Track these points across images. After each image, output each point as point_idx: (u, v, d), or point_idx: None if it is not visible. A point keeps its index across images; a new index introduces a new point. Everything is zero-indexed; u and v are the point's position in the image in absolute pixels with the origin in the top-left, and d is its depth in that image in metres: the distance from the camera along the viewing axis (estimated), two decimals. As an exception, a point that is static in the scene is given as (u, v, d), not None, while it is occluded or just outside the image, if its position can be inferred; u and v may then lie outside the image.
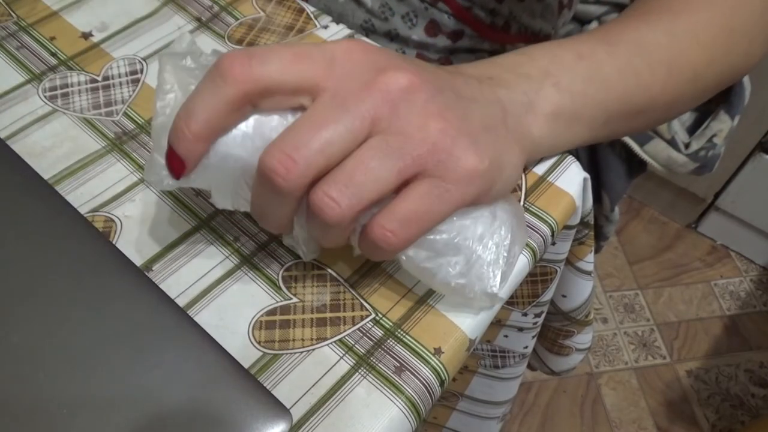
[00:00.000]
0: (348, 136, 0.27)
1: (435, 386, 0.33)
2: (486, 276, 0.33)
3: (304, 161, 0.27)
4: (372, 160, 0.28)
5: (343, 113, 0.27)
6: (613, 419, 1.20)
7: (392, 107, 0.28)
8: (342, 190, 0.27)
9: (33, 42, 0.46)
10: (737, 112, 0.57)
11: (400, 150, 0.28)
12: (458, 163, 0.29)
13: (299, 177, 0.27)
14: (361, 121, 0.28)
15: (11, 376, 0.30)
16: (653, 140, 0.57)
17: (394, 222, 0.28)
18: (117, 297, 0.33)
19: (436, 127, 0.29)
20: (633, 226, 1.45)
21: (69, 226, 0.35)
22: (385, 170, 0.28)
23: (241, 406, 0.30)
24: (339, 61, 0.29)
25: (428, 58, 0.56)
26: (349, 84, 0.28)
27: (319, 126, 0.27)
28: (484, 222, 0.32)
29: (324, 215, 0.28)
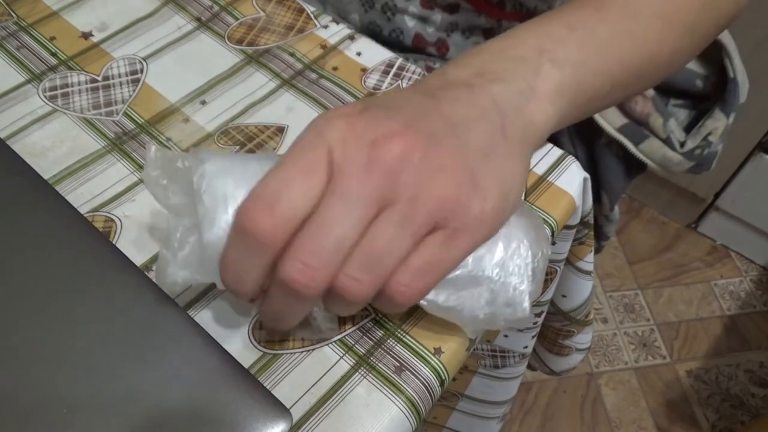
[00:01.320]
0: (359, 225, 0.28)
1: (435, 386, 0.33)
2: (514, 301, 0.32)
3: (325, 266, 0.27)
4: (386, 236, 0.28)
5: (348, 206, 0.27)
6: (613, 419, 1.20)
7: (394, 181, 0.28)
8: (362, 270, 0.28)
9: (33, 42, 0.46)
10: (732, 110, 0.57)
11: (412, 217, 0.28)
12: (466, 210, 0.29)
13: (321, 282, 0.27)
14: (368, 206, 0.28)
15: (11, 376, 0.30)
16: (648, 139, 0.57)
17: (408, 275, 0.29)
18: (117, 297, 0.33)
19: (440, 180, 0.29)
20: (633, 226, 1.45)
21: (69, 226, 0.35)
22: (401, 241, 0.28)
23: (241, 406, 0.30)
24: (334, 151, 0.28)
25: (426, 40, 0.56)
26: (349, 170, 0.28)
27: (330, 226, 0.27)
28: (500, 248, 0.32)
29: (349, 296, 0.28)
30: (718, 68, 0.58)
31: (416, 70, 0.46)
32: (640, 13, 0.38)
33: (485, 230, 0.30)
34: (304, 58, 0.47)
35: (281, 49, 0.47)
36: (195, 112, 0.43)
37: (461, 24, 0.55)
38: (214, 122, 0.43)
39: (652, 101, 0.57)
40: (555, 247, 0.46)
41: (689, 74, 0.59)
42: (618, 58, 0.37)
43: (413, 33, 0.56)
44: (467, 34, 0.56)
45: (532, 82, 0.33)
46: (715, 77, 0.58)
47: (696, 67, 0.59)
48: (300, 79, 0.46)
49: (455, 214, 0.29)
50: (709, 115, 0.58)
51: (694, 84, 0.59)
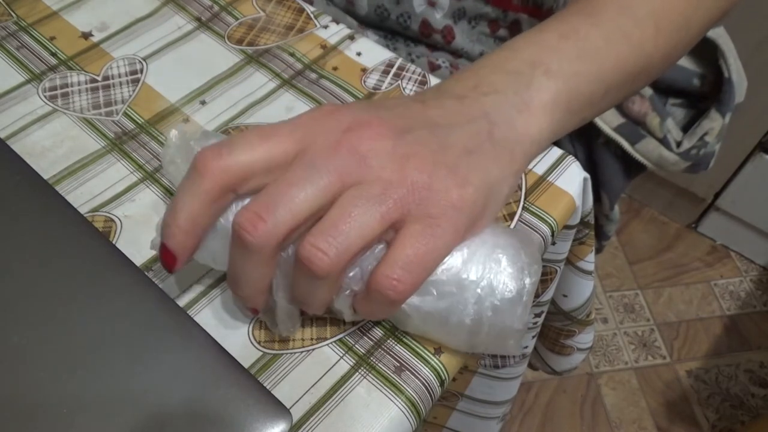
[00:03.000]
0: (317, 194, 0.28)
1: (435, 386, 0.33)
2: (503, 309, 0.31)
3: (272, 219, 0.28)
4: (354, 209, 0.28)
5: (310, 171, 0.28)
6: (613, 419, 1.20)
7: (361, 160, 0.29)
8: (329, 240, 0.28)
9: (33, 42, 0.46)
10: (728, 110, 0.57)
11: (380, 195, 0.28)
12: (441, 195, 0.29)
13: (267, 233, 0.28)
14: (329, 177, 0.28)
15: (11, 376, 0.30)
16: (645, 139, 0.57)
17: (397, 269, 0.28)
18: (117, 297, 0.33)
19: (411, 166, 0.29)
20: (633, 226, 1.45)
21: (69, 226, 0.35)
22: (368, 216, 0.28)
23: (241, 406, 0.30)
24: (305, 128, 0.30)
25: (433, 27, 0.56)
26: (318, 145, 0.29)
27: (287, 186, 0.28)
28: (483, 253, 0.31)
29: (313, 266, 0.28)
30: (715, 68, 0.58)
31: (416, 70, 0.46)
32: (634, 13, 0.38)
33: (465, 216, 0.30)
34: (304, 58, 0.47)
35: (281, 49, 0.47)
36: (195, 112, 0.43)
37: (468, 11, 0.55)
38: (214, 122, 0.43)
39: (649, 101, 0.57)
40: (555, 247, 0.46)
41: (686, 73, 0.59)
42: (613, 62, 0.37)
43: (420, 19, 0.55)
44: (473, 24, 0.56)
45: (525, 95, 0.34)
46: (712, 76, 0.58)
47: (693, 65, 0.59)
48: (300, 79, 0.46)
49: (429, 200, 0.29)
50: (706, 115, 0.58)
51: (691, 83, 0.59)
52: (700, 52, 0.58)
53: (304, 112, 0.31)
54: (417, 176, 0.29)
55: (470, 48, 0.56)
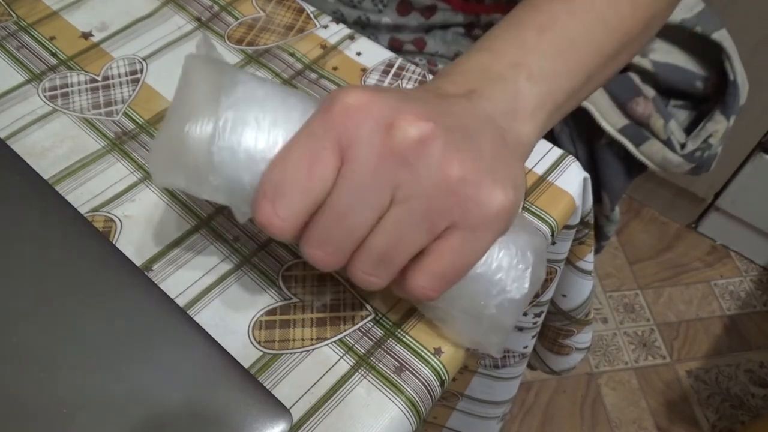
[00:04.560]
0: (372, 215, 0.28)
1: (435, 386, 0.33)
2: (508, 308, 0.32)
3: (339, 252, 0.28)
4: (402, 232, 0.28)
5: (363, 193, 0.27)
6: (613, 419, 1.20)
7: (410, 170, 0.27)
8: (379, 266, 0.29)
9: (33, 42, 0.46)
10: (733, 112, 0.57)
11: (426, 212, 0.28)
12: (487, 207, 0.28)
13: (338, 263, 0.29)
14: (382, 194, 0.27)
15: (11, 376, 0.30)
16: (649, 141, 0.57)
17: (434, 281, 0.29)
18: (117, 297, 0.33)
19: (457, 177, 0.28)
20: (633, 226, 1.45)
21: (69, 226, 0.35)
22: (416, 236, 0.28)
23: (241, 406, 0.30)
24: (341, 132, 0.27)
25: (402, 41, 0.56)
26: (361, 155, 0.27)
27: (343, 215, 0.28)
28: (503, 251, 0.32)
29: (368, 288, 0.30)
30: (718, 70, 0.58)
31: (416, 70, 0.46)
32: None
33: (504, 223, 0.29)
34: (304, 58, 0.47)
35: (281, 49, 0.47)
36: (195, 112, 0.43)
37: (438, 24, 0.55)
38: (214, 122, 0.43)
39: (653, 102, 0.57)
40: (555, 247, 0.46)
41: (689, 75, 0.59)
42: (593, 47, 0.37)
43: (388, 37, 0.56)
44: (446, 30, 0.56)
45: (513, 103, 0.34)
46: (715, 78, 0.58)
47: (696, 68, 0.59)
48: (300, 79, 0.46)
49: (473, 212, 0.28)
50: (710, 117, 0.58)
51: (694, 85, 0.59)
52: (702, 54, 0.58)
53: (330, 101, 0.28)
54: (463, 188, 0.28)
55: (445, 50, 0.56)
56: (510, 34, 0.36)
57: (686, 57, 0.59)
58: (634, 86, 0.57)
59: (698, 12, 0.57)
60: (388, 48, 0.50)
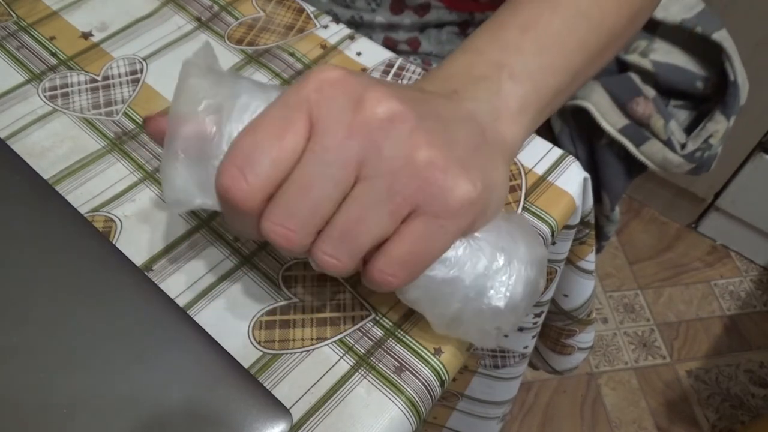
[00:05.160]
0: (336, 191, 0.27)
1: (435, 386, 0.33)
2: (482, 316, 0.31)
3: (302, 229, 0.27)
4: (364, 210, 0.28)
5: (327, 167, 0.27)
6: (613, 419, 1.20)
7: (376, 148, 0.27)
8: (339, 246, 0.28)
9: (33, 42, 0.46)
10: (733, 113, 0.57)
11: (389, 192, 0.27)
12: (451, 194, 0.28)
13: (300, 242, 0.28)
14: (347, 169, 0.27)
15: (11, 376, 0.30)
16: (649, 141, 0.57)
17: (393, 266, 0.29)
18: (117, 297, 0.33)
19: (424, 160, 0.28)
20: (633, 226, 1.45)
21: (69, 226, 0.35)
22: (378, 217, 0.28)
23: (241, 406, 0.30)
24: (312, 105, 0.27)
25: (396, 40, 0.56)
26: (329, 129, 0.27)
27: (307, 188, 0.27)
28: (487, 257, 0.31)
29: (329, 270, 0.29)
30: (718, 70, 0.58)
31: (416, 70, 0.46)
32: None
33: (470, 217, 0.29)
34: (304, 58, 0.47)
35: (281, 49, 0.47)
36: (195, 112, 0.43)
37: (432, 23, 0.55)
38: (214, 122, 0.43)
39: (653, 102, 0.57)
40: (555, 247, 0.46)
41: (689, 76, 0.59)
42: (577, 44, 0.36)
43: (382, 37, 0.56)
44: (440, 29, 0.56)
45: (497, 103, 0.33)
46: (715, 79, 0.58)
47: (696, 68, 0.59)
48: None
49: (438, 198, 0.28)
50: (710, 117, 0.58)
51: (694, 86, 0.59)
52: (703, 54, 0.58)
53: (305, 78, 0.28)
54: (430, 172, 0.28)
55: (439, 50, 0.56)
56: (492, 35, 0.36)
57: (686, 57, 0.59)
58: (635, 86, 0.57)
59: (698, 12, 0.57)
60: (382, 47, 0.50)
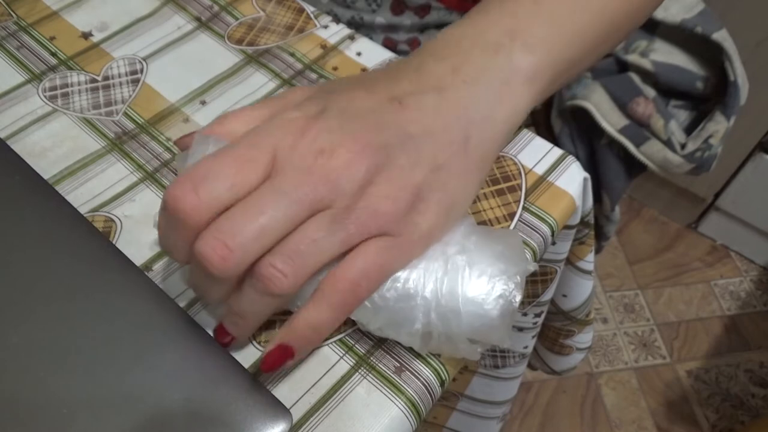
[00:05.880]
0: (286, 222, 0.28)
1: (435, 386, 0.33)
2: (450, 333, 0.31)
3: (241, 249, 0.27)
4: (316, 233, 0.28)
5: (280, 198, 0.28)
6: (613, 419, 1.20)
7: (332, 186, 0.28)
8: (287, 262, 0.28)
9: (33, 42, 0.46)
10: (733, 113, 0.57)
11: (344, 222, 0.28)
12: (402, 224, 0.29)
13: (235, 265, 0.27)
14: (299, 205, 0.28)
15: (11, 376, 0.30)
16: (649, 141, 0.57)
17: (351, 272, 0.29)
18: (117, 297, 0.33)
19: (379, 194, 0.29)
20: (633, 226, 1.45)
21: (69, 226, 0.35)
22: (329, 242, 0.28)
23: (241, 406, 0.30)
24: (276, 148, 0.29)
25: (396, 41, 0.56)
26: (289, 170, 0.29)
27: (256, 214, 0.27)
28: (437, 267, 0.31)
29: (271, 285, 0.28)
30: (719, 70, 0.58)
31: (416, 70, 0.46)
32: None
33: (422, 242, 0.30)
34: (304, 58, 0.47)
35: (281, 49, 0.47)
36: (195, 112, 0.43)
37: (432, 24, 0.55)
38: (214, 122, 0.43)
39: (653, 102, 0.57)
40: (555, 247, 0.46)
41: (690, 76, 0.59)
42: (589, 17, 0.36)
43: (382, 37, 0.56)
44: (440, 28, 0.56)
45: (506, 75, 0.33)
46: (715, 79, 0.58)
47: (696, 68, 0.59)
48: (300, 79, 0.46)
49: (390, 225, 0.29)
50: (710, 117, 0.58)
51: (694, 85, 0.59)
52: (702, 55, 0.58)
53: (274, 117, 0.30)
54: (382, 206, 0.29)
55: None
56: (504, 5, 0.36)
57: (686, 57, 0.59)
58: (635, 86, 0.58)
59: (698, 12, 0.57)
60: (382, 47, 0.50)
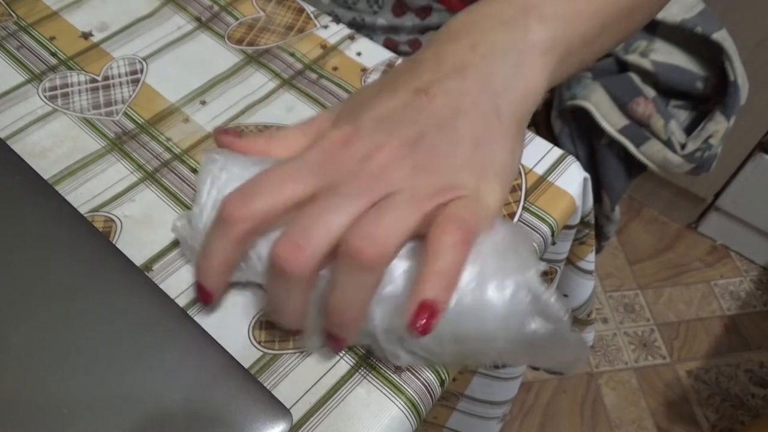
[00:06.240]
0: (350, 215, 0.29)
1: (435, 386, 0.33)
2: None
3: (311, 246, 0.28)
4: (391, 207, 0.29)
5: (339, 199, 0.29)
6: (613, 419, 1.20)
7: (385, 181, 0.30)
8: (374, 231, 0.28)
9: (33, 42, 0.46)
10: (733, 113, 0.57)
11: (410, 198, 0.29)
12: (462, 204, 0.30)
13: (306, 261, 0.28)
14: (358, 200, 0.29)
15: (11, 376, 0.30)
16: (649, 141, 0.57)
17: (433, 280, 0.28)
18: (117, 297, 0.33)
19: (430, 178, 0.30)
20: (633, 226, 1.45)
21: (69, 226, 0.35)
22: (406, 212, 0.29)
23: (241, 406, 0.30)
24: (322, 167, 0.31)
25: (397, 42, 0.56)
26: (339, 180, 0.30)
27: (320, 212, 0.29)
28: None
29: (363, 255, 0.28)
30: (718, 70, 0.58)
31: (416, 70, 0.46)
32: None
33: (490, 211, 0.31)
34: (304, 58, 0.47)
35: (281, 49, 0.47)
36: (195, 112, 0.43)
37: (433, 26, 0.55)
38: (214, 122, 0.43)
39: (653, 103, 0.57)
40: (555, 247, 0.46)
41: (690, 76, 0.59)
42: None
43: (383, 39, 0.56)
44: None
45: (522, 47, 0.33)
46: (715, 79, 0.58)
47: (696, 68, 0.59)
48: (300, 79, 0.46)
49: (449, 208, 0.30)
50: (710, 117, 0.58)
51: (694, 86, 0.59)
52: (702, 55, 0.58)
53: (315, 143, 0.32)
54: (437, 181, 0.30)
55: None
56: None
57: (686, 57, 0.59)
58: (635, 86, 0.58)
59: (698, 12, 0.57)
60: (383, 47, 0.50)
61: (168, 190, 0.40)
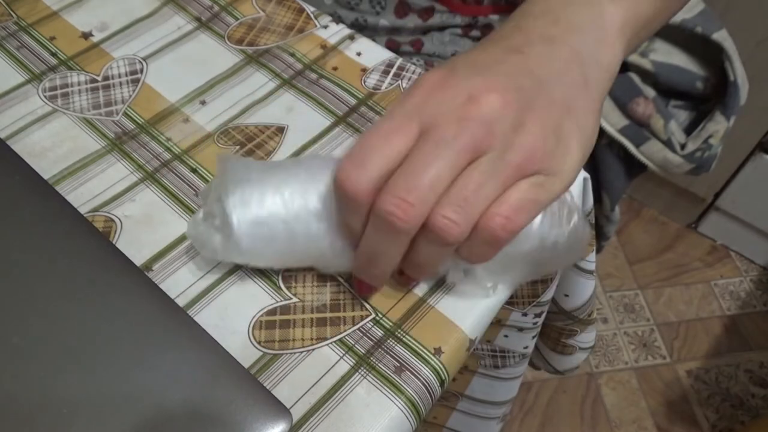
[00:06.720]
0: (453, 167, 0.29)
1: (435, 386, 0.33)
2: None
3: (420, 201, 0.29)
4: (480, 178, 0.29)
5: (443, 149, 0.29)
6: (613, 419, 1.19)
7: (488, 130, 0.30)
8: (458, 211, 0.29)
9: (33, 42, 0.46)
10: (733, 113, 0.57)
11: (502, 165, 0.30)
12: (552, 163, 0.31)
13: (417, 217, 0.29)
14: (462, 153, 0.29)
15: (11, 376, 0.30)
16: (649, 141, 0.57)
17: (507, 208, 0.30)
18: (117, 297, 0.33)
19: (529, 135, 0.30)
20: (633, 226, 1.45)
21: (69, 226, 0.35)
22: (491, 186, 0.30)
23: (241, 406, 0.30)
24: (422, 109, 0.30)
25: (399, 42, 0.56)
26: (442, 123, 0.30)
27: (424, 166, 0.29)
28: None
29: (445, 235, 0.29)
30: (718, 70, 0.58)
31: (416, 71, 0.46)
32: None
33: (567, 181, 0.32)
34: (304, 58, 0.47)
35: (281, 49, 0.47)
36: (195, 112, 0.43)
37: (436, 26, 0.55)
38: (214, 122, 0.43)
39: (653, 103, 0.57)
40: (555, 247, 0.46)
41: (690, 76, 0.59)
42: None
43: (385, 39, 0.56)
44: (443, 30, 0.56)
45: (600, 25, 0.35)
46: (715, 79, 0.58)
47: (696, 69, 0.59)
48: (300, 79, 0.46)
49: (542, 169, 0.31)
50: (710, 117, 0.58)
51: (694, 86, 0.59)
52: (703, 55, 0.58)
53: (412, 87, 0.31)
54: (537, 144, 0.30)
55: (442, 50, 0.56)
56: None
57: (686, 57, 0.59)
58: (635, 86, 0.57)
59: (698, 12, 0.57)
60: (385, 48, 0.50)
61: (168, 190, 0.40)
